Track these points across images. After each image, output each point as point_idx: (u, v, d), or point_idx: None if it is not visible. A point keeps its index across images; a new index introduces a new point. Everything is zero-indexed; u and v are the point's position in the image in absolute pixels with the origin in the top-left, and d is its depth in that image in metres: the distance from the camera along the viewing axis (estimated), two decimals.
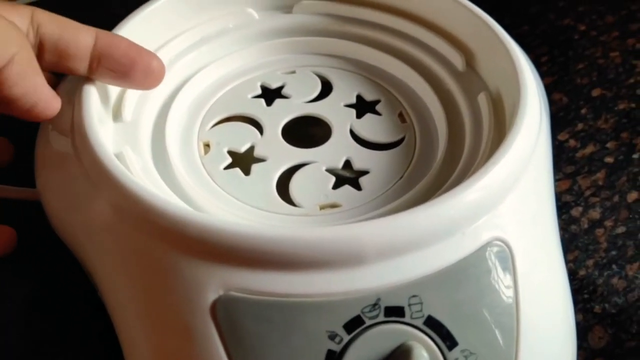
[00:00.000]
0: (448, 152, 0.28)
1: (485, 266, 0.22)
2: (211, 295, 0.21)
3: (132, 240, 0.23)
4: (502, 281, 0.22)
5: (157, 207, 0.22)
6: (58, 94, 0.27)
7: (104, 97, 0.28)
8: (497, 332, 0.22)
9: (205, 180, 0.28)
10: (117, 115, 0.29)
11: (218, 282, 0.21)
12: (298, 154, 0.29)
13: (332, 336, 0.21)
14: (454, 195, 0.22)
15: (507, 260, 0.23)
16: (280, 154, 0.29)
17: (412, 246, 0.22)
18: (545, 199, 0.26)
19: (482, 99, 0.29)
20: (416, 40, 0.32)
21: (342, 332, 0.21)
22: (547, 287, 0.24)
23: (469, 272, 0.22)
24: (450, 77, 0.31)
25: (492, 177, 0.23)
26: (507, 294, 0.22)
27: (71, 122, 0.27)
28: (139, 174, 0.26)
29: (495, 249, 0.22)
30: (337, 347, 0.21)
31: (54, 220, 0.30)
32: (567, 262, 0.33)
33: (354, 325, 0.21)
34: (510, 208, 0.24)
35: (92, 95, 0.27)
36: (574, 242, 0.33)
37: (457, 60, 0.31)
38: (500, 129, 0.28)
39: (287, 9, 0.34)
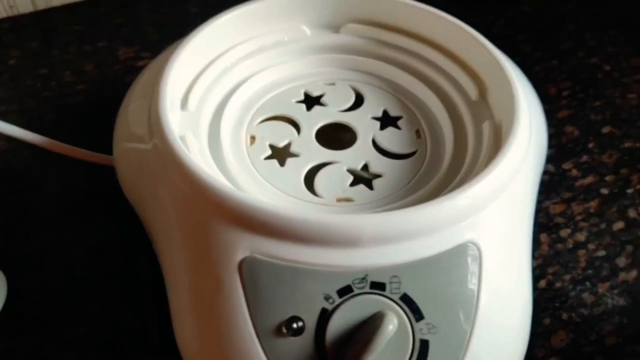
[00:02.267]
0: (450, 168, 0.33)
1: (457, 262, 0.27)
2: (240, 255, 0.27)
3: (185, 205, 0.29)
4: (469, 276, 0.27)
5: (207, 182, 0.28)
6: (137, 84, 0.32)
7: (176, 89, 0.34)
8: (458, 314, 0.27)
9: (247, 166, 0.33)
10: (184, 104, 0.34)
11: (246, 246, 0.27)
12: (326, 154, 0.34)
13: (327, 298, 0.26)
14: (440, 202, 0.28)
15: (476, 260, 0.28)
16: (311, 152, 0.34)
17: (399, 237, 0.27)
18: (523, 216, 0.31)
19: (486, 127, 0.34)
20: (440, 68, 0.37)
21: (335, 296, 0.26)
22: (508, 288, 0.29)
23: (443, 265, 0.27)
24: (464, 104, 0.36)
25: (473, 191, 0.28)
26: (471, 286, 0.27)
27: (149, 107, 0.33)
28: (196, 154, 0.32)
29: (467, 249, 0.28)
30: (329, 307, 0.26)
31: (124, 184, 0.36)
32: (547, 274, 0.37)
33: (345, 292, 0.26)
34: (488, 218, 0.29)
35: (167, 86, 0.32)
36: (557, 258, 0.38)
37: (472, 90, 0.36)
38: (497, 153, 0.33)
39: (336, 29, 0.39)
